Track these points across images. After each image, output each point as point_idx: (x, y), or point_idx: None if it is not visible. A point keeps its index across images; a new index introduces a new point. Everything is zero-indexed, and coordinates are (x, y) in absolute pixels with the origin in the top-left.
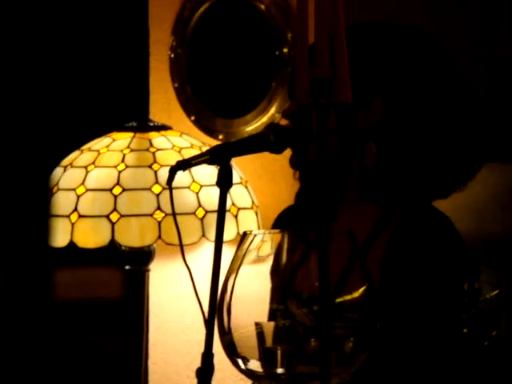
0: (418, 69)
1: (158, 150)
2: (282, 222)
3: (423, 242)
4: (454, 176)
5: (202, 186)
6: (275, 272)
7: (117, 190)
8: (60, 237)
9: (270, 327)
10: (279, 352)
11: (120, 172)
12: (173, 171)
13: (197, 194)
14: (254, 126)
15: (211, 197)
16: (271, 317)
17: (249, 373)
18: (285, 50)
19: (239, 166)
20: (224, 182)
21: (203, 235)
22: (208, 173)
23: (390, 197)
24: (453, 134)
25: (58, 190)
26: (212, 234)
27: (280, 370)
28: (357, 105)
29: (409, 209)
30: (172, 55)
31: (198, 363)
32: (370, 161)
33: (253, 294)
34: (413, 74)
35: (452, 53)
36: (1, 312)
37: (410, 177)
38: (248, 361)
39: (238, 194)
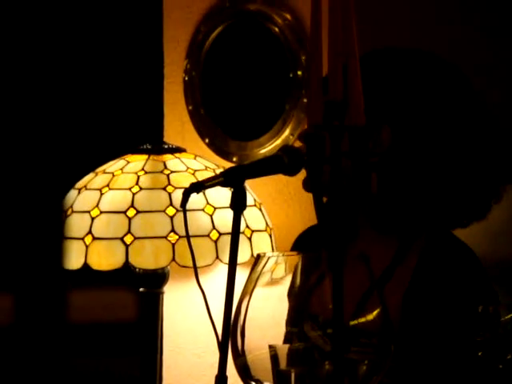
0: (430, 92)
1: (172, 172)
2: (301, 243)
3: (448, 275)
4: (472, 206)
5: (215, 209)
6: (291, 294)
7: (131, 213)
8: (74, 259)
9: (283, 350)
10: (293, 375)
11: (134, 194)
12: (187, 193)
13: (211, 216)
14: (267, 148)
15: (225, 219)
16: (287, 339)
17: None
18: (299, 73)
19: (253, 189)
20: (238, 205)
21: (217, 257)
22: (222, 195)
23: (404, 228)
24: (469, 161)
25: (73, 212)
26: (226, 256)
27: None
28: (367, 131)
29: (431, 240)
30: (186, 78)
31: None
32: (375, 187)
33: (267, 317)
34: (424, 98)
35: (466, 73)
36: (15, 334)
37: (425, 206)
38: None
39: (252, 217)
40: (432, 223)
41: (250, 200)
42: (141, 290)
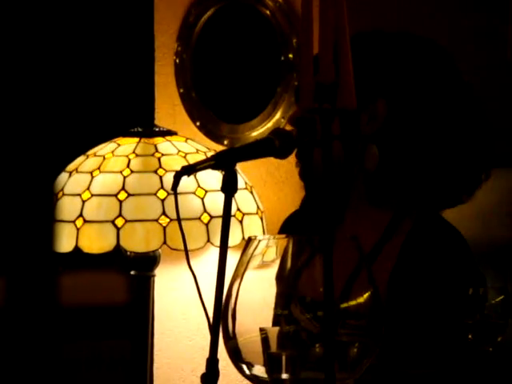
0: (420, 71)
1: (163, 155)
2: (288, 227)
3: (434, 256)
4: (461, 184)
5: (207, 192)
6: (280, 277)
7: (122, 196)
8: (65, 242)
9: (274, 333)
10: (284, 358)
11: (125, 177)
12: (178, 176)
13: (202, 199)
14: (259, 131)
15: (216, 202)
16: (275, 322)
17: (253, 378)
18: (290, 56)
19: (244, 172)
20: (229, 188)
21: (208, 240)
22: (213, 178)
23: (398, 202)
24: (457, 139)
25: (64, 195)
26: (217, 239)
27: (285, 376)
28: (360, 109)
29: (419, 220)
30: (177, 61)
31: (202, 369)
32: (374, 164)
33: (258, 300)
34: (414, 76)
35: (453, 55)
36: (6, 317)
37: (416, 182)
38: (253, 366)
39: (243, 200)
40: (423, 200)
41: (241, 183)
42: (132, 273)
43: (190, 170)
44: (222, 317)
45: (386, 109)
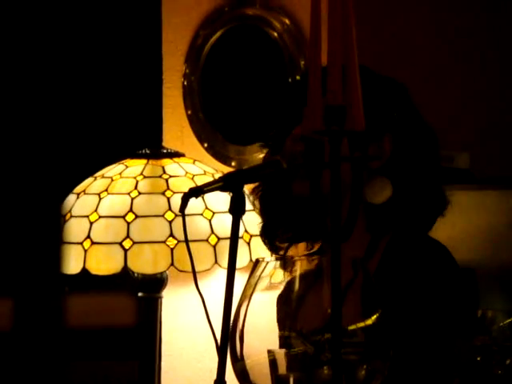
0: (411, 112)
1: (170, 176)
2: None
3: (412, 263)
4: (433, 207)
5: (214, 213)
6: (286, 299)
7: (130, 217)
8: (73, 263)
9: (282, 355)
10: (292, 380)
11: (133, 199)
12: (185, 198)
13: (209, 220)
14: None
15: (224, 224)
16: (280, 344)
17: None
18: (298, 77)
19: None
20: (237, 209)
21: (216, 262)
22: (221, 200)
23: (385, 226)
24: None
25: (71, 216)
26: (225, 260)
27: None
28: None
29: (394, 235)
30: (185, 83)
31: None
32: (385, 198)
33: (265, 322)
34: (409, 114)
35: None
36: (14, 338)
37: (404, 208)
38: None
39: (251, 221)
40: (403, 221)
41: (248, 204)
42: (139, 294)
43: (197, 191)
44: (229, 338)
45: (391, 145)
